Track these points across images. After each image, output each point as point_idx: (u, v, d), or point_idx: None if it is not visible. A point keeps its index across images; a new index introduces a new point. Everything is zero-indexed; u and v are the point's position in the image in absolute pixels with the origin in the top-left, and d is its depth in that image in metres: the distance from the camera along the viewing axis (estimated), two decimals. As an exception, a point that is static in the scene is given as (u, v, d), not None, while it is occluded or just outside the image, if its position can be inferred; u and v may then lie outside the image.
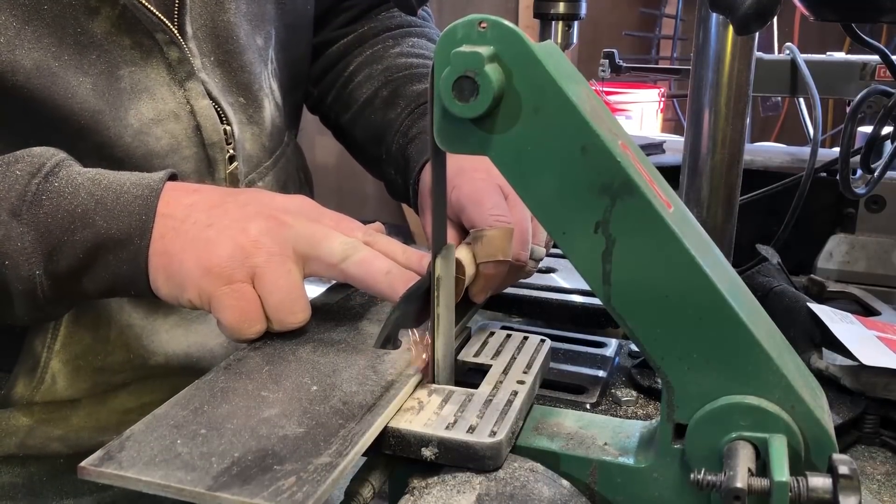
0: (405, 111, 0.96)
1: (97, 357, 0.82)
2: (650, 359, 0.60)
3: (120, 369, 0.83)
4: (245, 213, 0.68)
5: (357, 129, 1.03)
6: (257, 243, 0.66)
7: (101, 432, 0.85)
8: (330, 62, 1.07)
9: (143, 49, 0.78)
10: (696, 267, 0.57)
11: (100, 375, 0.83)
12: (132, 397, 0.86)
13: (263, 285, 0.66)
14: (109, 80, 0.76)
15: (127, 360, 0.83)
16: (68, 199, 0.66)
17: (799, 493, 0.53)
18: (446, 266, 0.67)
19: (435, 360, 0.69)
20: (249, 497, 0.51)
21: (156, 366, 0.85)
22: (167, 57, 0.79)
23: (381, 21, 1.06)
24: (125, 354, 0.83)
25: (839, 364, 0.84)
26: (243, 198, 0.71)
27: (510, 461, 0.63)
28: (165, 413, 0.61)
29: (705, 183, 0.97)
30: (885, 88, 1.07)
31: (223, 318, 0.67)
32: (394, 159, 0.96)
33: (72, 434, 0.84)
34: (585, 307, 1.00)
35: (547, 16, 0.81)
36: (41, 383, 0.81)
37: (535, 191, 0.59)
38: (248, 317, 0.66)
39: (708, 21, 0.93)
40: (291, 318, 0.68)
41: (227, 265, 0.65)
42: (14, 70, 0.71)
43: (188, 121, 0.82)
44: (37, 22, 0.71)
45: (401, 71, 0.99)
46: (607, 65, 1.66)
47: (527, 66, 0.57)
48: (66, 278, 0.67)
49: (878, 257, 1.22)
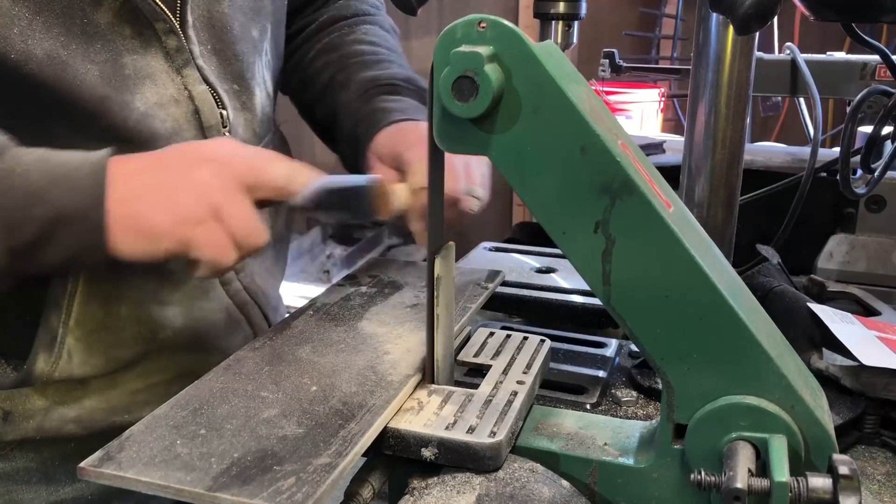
0: (354, 95, 1.03)
1: (110, 332, 0.87)
2: (650, 359, 0.60)
3: (132, 344, 0.88)
4: (188, 163, 0.74)
5: (317, 111, 1.11)
6: (210, 185, 0.72)
7: (112, 413, 0.90)
8: (295, 48, 1.15)
9: (143, 38, 0.82)
10: (696, 267, 0.57)
11: (112, 351, 0.87)
12: (140, 378, 0.91)
13: (227, 218, 0.72)
14: (114, 67, 0.80)
15: (138, 335, 0.88)
16: (21, 178, 0.70)
17: (799, 494, 0.53)
18: (446, 266, 0.67)
19: (435, 360, 0.69)
20: (249, 497, 0.51)
21: (164, 339, 0.90)
22: (165, 46, 0.83)
23: (338, 10, 1.14)
24: (136, 329, 0.88)
25: (839, 364, 0.84)
26: (178, 153, 0.77)
27: (510, 461, 0.63)
28: (165, 413, 0.61)
29: (705, 183, 0.97)
30: (886, 88, 1.07)
31: (204, 256, 0.72)
32: (346, 139, 1.03)
33: (85, 415, 0.89)
34: (585, 307, 1.00)
35: (547, 16, 0.81)
36: (59, 359, 0.85)
37: (535, 191, 0.59)
38: (224, 249, 0.72)
39: (708, 21, 0.93)
40: (256, 240, 0.74)
41: (194, 209, 0.71)
42: (27, 59, 0.75)
43: (187, 105, 0.86)
44: (47, 13, 0.76)
45: (354, 58, 1.08)
46: (607, 65, 1.66)
47: (526, 66, 0.57)
48: (25, 252, 0.71)
49: (878, 257, 1.22)
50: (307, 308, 0.83)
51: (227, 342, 0.95)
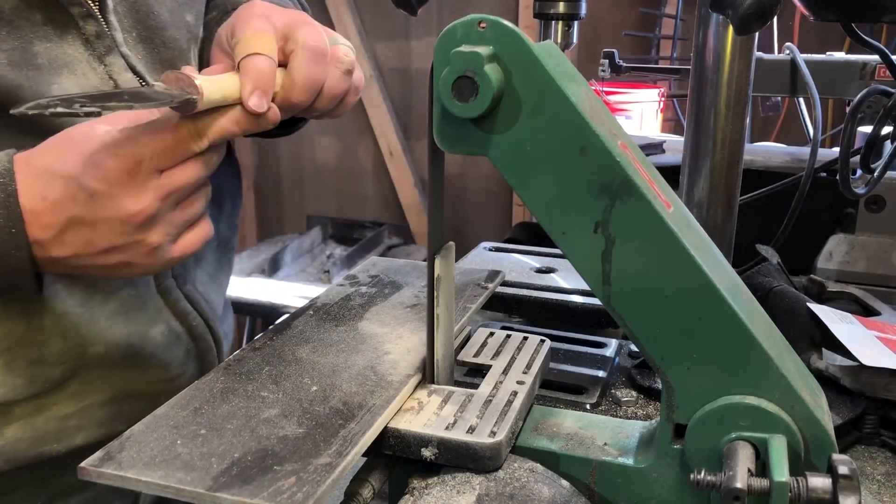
0: (215, 18, 0.93)
1: (32, 348, 0.78)
2: (650, 359, 0.60)
3: (58, 361, 0.80)
4: (82, 152, 0.67)
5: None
6: (108, 172, 0.66)
7: (39, 442, 0.80)
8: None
9: (57, 24, 0.76)
10: (695, 267, 0.57)
11: (36, 369, 0.79)
12: (71, 401, 0.82)
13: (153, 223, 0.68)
14: (24, 55, 0.75)
15: (65, 350, 0.80)
16: None
17: (799, 494, 0.53)
18: (446, 266, 0.67)
19: (435, 360, 0.69)
20: (249, 497, 0.51)
21: (95, 356, 0.82)
22: (84, 32, 0.78)
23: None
24: (62, 343, 0.79)
25: (839, 364, 0.84)
26: (62, 147, 0.69)
27: (510, 461, 0.63)
28: (165, 413, 0.61)
29: (705, 183, 0.97)
30: (885, 88, 1.07)
31: (135, 273, 0.71)
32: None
33: (8, 447, 0.79)
34: (585, 307, 1.00)
35: (547, 16, 0.81)
36: None
37: (535, 191, 0.59)
38: (154, 253, 0.70)
39: (708, 21, 0.93)
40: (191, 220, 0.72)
41: (112, 240, 0.68)
42: None
43: None
44: None
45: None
46: (607, 65, 1.66)
47: (526, 66, 0.57)
48: None
49: (877, 257, 1.22)
50: (307, 308, 0.83)
51: (167, 357, 0.88)
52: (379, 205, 3.91)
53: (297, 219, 4.10)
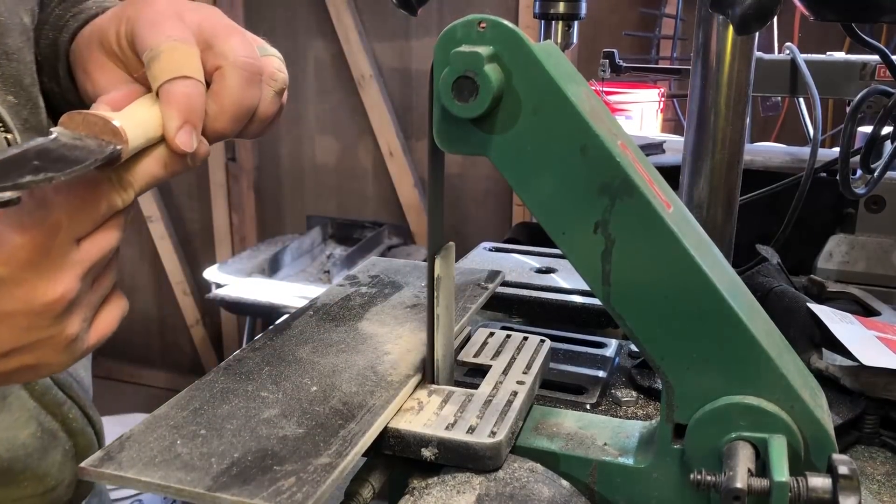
0: (56, 10, 0.72)
1: None
2: (650, 359, 0.60)
3: None
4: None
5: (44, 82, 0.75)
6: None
7: None
8: None
9: None
10: (695, 267, 0.57)
11: None
12: None
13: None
14: None
15: None
16: None
17: (799, 494, 0.53)
18: (446, 266, 0.67)
19: (435, 360, 0.69)
20: (249, 497, 0.51)
21: None
22: None
23: None
24: None
25: (839, 364, 0.84)
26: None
27: (510, 461, 0.63)
28: (165, 413, 0.61)
29: (705, 183, 0.97)
30: (885, 88, 1.07)
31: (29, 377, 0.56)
32: (46, 62, 0.72)
33: None
34: (585, 307, 1.00)
35: (547, 16, 0.82)
36: None
37: (535, 191, 0.59)
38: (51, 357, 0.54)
39: (708, 21, 0.93)
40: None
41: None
42: None
43: None
44: None
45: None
46: (607, 65, 1.65)
47: (526, 67, 0.57)
48: None
49: (877, 257, 1.22)
50: (307, 308, 0.83)
51: (43, 466, 0.71)
52: (379, 205, 3.91)
53: (297, 219, 4.10)
